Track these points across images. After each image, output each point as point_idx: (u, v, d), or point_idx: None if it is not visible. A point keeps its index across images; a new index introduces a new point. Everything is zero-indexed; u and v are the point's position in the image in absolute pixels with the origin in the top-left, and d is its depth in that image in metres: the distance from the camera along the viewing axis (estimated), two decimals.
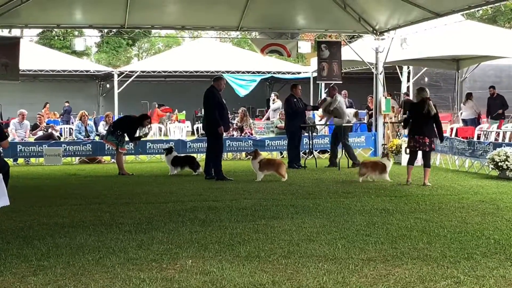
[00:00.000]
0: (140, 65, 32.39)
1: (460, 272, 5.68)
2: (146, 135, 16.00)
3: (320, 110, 17.74)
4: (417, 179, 12.77)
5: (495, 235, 7.29)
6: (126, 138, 15.47)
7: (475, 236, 7.24)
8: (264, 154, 19.76)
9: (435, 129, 12.09)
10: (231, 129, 20.29)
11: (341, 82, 19.82)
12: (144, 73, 29.87)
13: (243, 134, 19.82)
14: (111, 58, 50.43)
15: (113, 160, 17.85)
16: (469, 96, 21.99)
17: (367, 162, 13.39)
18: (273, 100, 24.43)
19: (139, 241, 7.05)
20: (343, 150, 16.33)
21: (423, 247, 6.68)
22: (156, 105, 32.77)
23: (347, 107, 22.90)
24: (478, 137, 17.82)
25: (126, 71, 29.36)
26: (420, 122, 12.08)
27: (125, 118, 16.36)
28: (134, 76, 29.21)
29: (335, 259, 6.19)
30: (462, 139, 15.18)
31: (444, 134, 18.23)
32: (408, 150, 12.76)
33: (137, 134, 15.56)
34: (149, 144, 18.55)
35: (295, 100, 16.10)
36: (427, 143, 12.08)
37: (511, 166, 12.81)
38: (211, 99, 13.68)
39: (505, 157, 12.89)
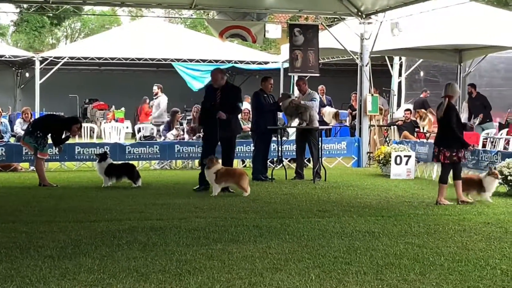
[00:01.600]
0: (68, 50, 32.03)
1: None
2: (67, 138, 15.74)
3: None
4: (410, 195, 12.89)
5: (502, 264, 7.39)
6: (50, 141, 15.35)
7: (478, 265, 7.32)
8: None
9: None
10: (181, 132, 20.27)
11: (318, 74, 19.95)
12: (73, 60, 29.56)
13: (196, 138, 19.78)
14: (31, 40, 49.92)
15: (32, 167, 17.63)
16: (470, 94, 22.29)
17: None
18: (155, 94, 24.32)
19: (63, 269, 6.97)
20: (313, 156, 16.35)
21: (415, 278, 6.73)
22: (147, 100, 32.32)
23: (324, 106, 23.10)
24: (484, 145, 18.06)
25: (50, 57, 29.04)
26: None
27: (48, 117, 16.20)
28: (60, 64, 28.91)
29: None
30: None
31: None
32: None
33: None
34: (78, 149, 18.42)
35: (265, 95, 16.15)
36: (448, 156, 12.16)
37: None
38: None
39: (509, 169, 13.07)
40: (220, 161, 13.94)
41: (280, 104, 16.23)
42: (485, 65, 25.22)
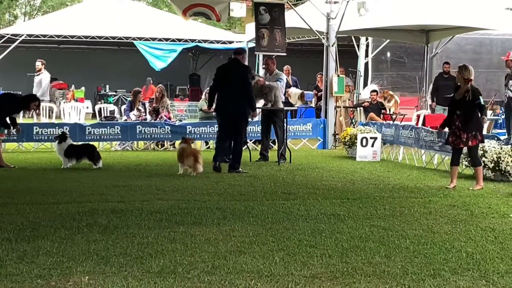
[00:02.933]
0: (27, 27, 31.65)
1: None
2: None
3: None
4: (373, 177, 12.99)
5: (467, 247, 7.48)
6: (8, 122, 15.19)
7: (443, 248, 7.40)
8: None
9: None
10: (143, 112, 20.18)
11: (285, 54, 19.94)
12: (31, 38, 29.21)
13: (159, 118, 19.71)
14: None
15: None
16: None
17: None
18: (38, 70, 23.09)
19: (20, 252, 6.93)
20: (278, 137, 16.36)
21: (380, 261, 6.79)
22: (151, 81, 31.86)
23: (290, 87, 23.10)
24: None
25: (7, 34, 28.66)
26: None
27: (5, 96, 15.98)
28: (18, 41, 28.53)
29: (271, 275, 6.23)
30: (430, 129, 15.46)
31: (409, 123, 18.73)
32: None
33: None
34: (36, 129, 18.24)
35: None
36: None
37: (489, 163, 13.12)
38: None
39: (482, 152, 13.20)
40: None
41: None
42: (452, 47, 25.43)
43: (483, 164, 12.92)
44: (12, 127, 15.30)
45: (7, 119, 15.01)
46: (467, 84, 12.09)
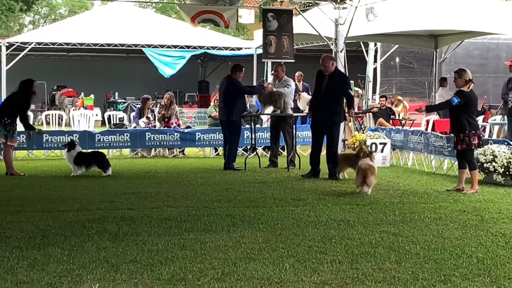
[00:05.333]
0: (36, 36, 31.74)
1: None
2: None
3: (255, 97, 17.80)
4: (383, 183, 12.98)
5: (478, 252, 7.47)
6: (19, 128, 15.21)
7: (454, 254, 7.39)
8: (195, 151, 19.86)
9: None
10: (152, 119, 20.21)
11: (293, 60, 19.92)
12: (41, 46, 29.32)
13: (170, 125, 19.72)
14: None
15: None
16: (442, 81, 22.41)
17: None
18: None
19: (31, 260, 6.95)
20: (287, 144, 16.40)
21: (390, 267, 6.78)
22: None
23: (300, 92, 23.09)
24: None
25: (17, 42, 28.78)
26: (475, 114, 12.48)
27: (7, 100, 15.91)
28: (27, 49, 28.67)
29: (281, 282, 6.23)
30: (440, 135, 15.46)
31: (419, 128, 18.70)
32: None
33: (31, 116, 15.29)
34: (46, 137, 18.28)
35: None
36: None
37: (499, 168, 13.10)
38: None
39: (492, 156, 13.18)
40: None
41: (255, 89, 16.34)
42: (461, 52, 25.40)
43: (493, 169, 12.96)
44: (32, 129, 15.40)
45: (22, 118, 15.02)
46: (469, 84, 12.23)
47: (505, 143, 13.74)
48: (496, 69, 26.32)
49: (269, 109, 16.49)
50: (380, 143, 16.57)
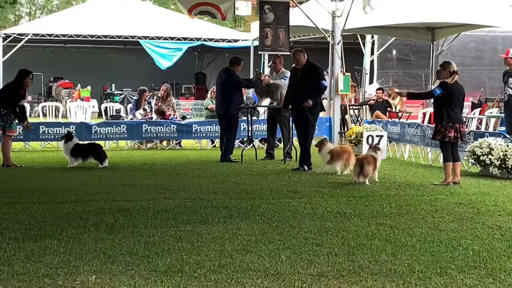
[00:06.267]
0: (32, 27, 31.73)
1: None
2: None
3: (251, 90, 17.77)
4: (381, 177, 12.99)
5: (474, 245, 7.48)
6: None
7: (450, 246, 7.40)
8: (192, 142, 19.85)
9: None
10: (148, 111, 20.19)
11: (288, 53, 19.87)
12: (37, 37, 29.32)
13: (166, 117, 19.68)
14: None
15: None
16: (439, 74, 22.37)
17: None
18: None
19: (27, 251, 6.95)
20: (284, 136, 16.39)
21: (387, 259, 6.79)
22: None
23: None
24: None
25: (13, 34, 28.76)
26: (459, 107, 12.36)
27: (3, 89, 15.82)
28: (24, 41, 28.66)
29: (278, 274, 6.23)
30: None
31: (415, 121, 18.72)
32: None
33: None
34: (42, 128, 18.26)
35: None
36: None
37: (495, 161, 13.10)
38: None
39: (488, 149, 13.18)
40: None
41: (253, 82, 16.29)
42: (457, 44, 25.38)
43: (490, 162, 12.97)
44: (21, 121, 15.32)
45: (14, 107, 14.95)
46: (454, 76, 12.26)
47: (501, 135, 13.75)
48: (492, 62, 26.32)
49: (266, 101, 16.49)
50: (377, 136, 16.56)
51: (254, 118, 18.01)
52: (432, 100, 12.94)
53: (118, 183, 12.09)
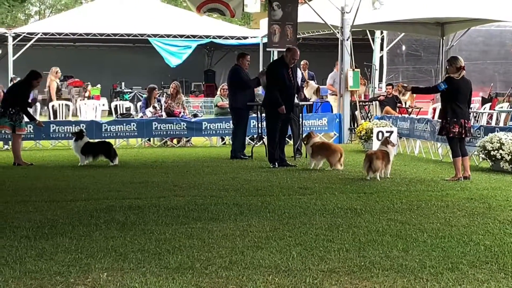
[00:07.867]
0: (42, 26, 31.80)
1: (443, 286, 5.78)
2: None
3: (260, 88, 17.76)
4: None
5: (485, 240, 7.45)
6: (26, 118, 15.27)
7: (461, 241, 7.38)
8: (202, 140, 19.86)
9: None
10: (158, 109, 20.21)
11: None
12: (47, 36, 29.37)
13: (178, 114, 19.69)
14: (4, 16, 49.44)
15: (6, 146, 17.56)
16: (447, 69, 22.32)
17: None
18: None
19: (39, 250, 6.97)
20: (293, 133, 16.40)
21: (398, 255, 6.78)
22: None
23: (305, 81, 23.07)
24: None
25: (23, 33, 28.84)
26: (465, 103, 12.33)
27: (10, 91, 15.88)
28: (34, 40, 28.72)
29: (289, 270, 6.23)
30: None
31: (425, 116, 18.68)
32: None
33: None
34: (53, 127, 18.32)
35: (244, 72, 16.10)
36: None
37: (506, 155, 13.07)
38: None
39: (499, 144, 13.14)
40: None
41: (260, 79, 16.21)
42: (465, 39, 25.31)
43: (500, 156, 12.94)
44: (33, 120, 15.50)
45: (22, 107, 15.03)
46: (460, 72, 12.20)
47: None
48: (497, 56, 26.24)
49: None
50: (387, 131, 16.52)
51: (264, 115, 17.98)
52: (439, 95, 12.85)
53: (128, 181, 12.12)
